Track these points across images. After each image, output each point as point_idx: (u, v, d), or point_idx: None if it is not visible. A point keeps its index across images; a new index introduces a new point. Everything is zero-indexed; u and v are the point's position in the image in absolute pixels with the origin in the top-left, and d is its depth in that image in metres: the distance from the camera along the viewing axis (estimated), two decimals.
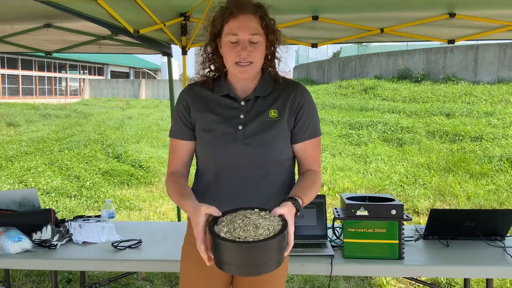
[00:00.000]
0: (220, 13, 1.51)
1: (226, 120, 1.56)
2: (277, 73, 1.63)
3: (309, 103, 1.61)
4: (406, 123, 10.76)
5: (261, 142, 1.54)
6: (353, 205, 2.16)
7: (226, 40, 1.50)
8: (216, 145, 1.56)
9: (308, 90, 1.65)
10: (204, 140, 1.59)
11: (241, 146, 1.54)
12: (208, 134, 1.58)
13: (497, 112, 10.85)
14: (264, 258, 1.25)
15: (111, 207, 2.82)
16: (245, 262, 1.24)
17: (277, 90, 1.60)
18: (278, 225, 1.31)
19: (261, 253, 1.23)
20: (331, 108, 13.96)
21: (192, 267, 1.65)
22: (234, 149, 1.54)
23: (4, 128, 14.16)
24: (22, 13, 3.12)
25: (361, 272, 2.21)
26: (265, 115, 1.56)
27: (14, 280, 3.56)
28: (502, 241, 2.42)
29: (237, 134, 1.54)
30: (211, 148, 1.57)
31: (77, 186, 7.01)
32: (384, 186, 6.85)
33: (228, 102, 1.59)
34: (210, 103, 1.60)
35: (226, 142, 1.54)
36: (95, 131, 12.64)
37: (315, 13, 3.13)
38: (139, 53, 4.16)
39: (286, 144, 1.59)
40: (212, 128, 1.57)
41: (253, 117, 1.56)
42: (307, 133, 1.60)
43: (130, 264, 2.25)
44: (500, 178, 6.95)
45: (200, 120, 1.59)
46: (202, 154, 1.62)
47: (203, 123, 1.59)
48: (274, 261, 1.27)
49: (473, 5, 2.92)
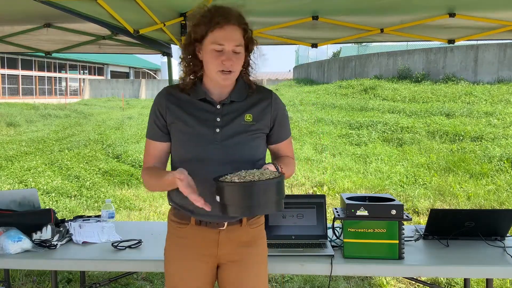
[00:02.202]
0: (205, 20, 1.57)
1: (203, 122, 1.65)
2: (250, 80, 1.73)
3: (282, 111, 1.78)
4: (406, 123, 10.76)
5: (236, 144, 1.66)
6: (353, 205, 2.16)
7: (210, 48, 1.57)
8: (195, 146, 1.65)
9: (279, 97, 1.80)
10: (182, 141, 1.68)
11: (218, 147, 1.64)
12: (186, 135, 1.66)
13: (497, 112, 10.85)
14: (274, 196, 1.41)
15: (111, 207, 2.82)
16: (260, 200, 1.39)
17: (251, 96, 1.71)
18: (276, 174, 1.48)
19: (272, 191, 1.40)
20: (331, 108, 13.96)
21: (179, 267, 1.73)
22: (211, 150, 1.64)
23: (4, 128, 14.16)
24: (22, 13, 3.12)
25: (361, 272, 2.21)
26: (241, 118, 1.68)
27: (14, 280, 3.56)
28: (502, 241, 2.42)
29: (214, 136, 1.65)
30: (189, 148, 1.66)
31: (77, 186, 7.01)
32: (384, 186, 6.86)
33: (204, 106, 1.67)
34: (187, 106, 1.68)
35: (204, 143, 1.64)
36: (95, 131, 12.64)
37: (315, 13, 3.13)
38: (139, 53, 4.16)
39: (259, 146, 1.72)
40: (190, 130, 1.66)
41: (229, 121, 1.67)
42: (281, 136, 1.79)
43: (130, 264, 2.25)
44: (500, 178, 6.95)
45: (178, 122, 1.67)
46: (179, 153, 1.70)
47: (181, 125, 1.67)
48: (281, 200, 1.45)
49: (473, 5, 2.92)
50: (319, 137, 10.49)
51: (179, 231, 1.74)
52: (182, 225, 1.73)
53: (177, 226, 1.74)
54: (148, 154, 1.74)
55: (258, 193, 1.39)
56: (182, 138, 1.67)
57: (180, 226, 1.74)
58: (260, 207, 1.42)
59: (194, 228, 1.71)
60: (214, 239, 1.71)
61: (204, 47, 1.59)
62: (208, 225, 1.70)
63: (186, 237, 1.73)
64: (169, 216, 1.80)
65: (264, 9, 2.98)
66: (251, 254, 1.74)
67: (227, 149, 1.65)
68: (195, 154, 1.65)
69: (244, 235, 1.73)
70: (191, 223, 1.71)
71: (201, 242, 1.71)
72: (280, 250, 2.26)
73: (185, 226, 1.73)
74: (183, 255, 1.73)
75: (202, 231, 1.71)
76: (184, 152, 1.68)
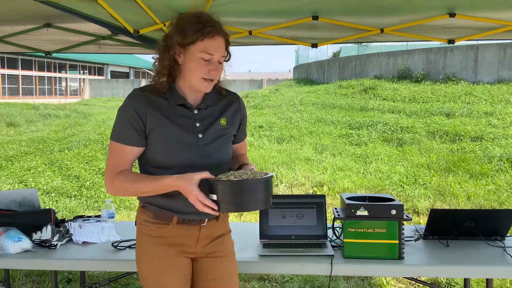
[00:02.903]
0: (196, 28, 1.58)
1: (186, 129, 1.68)
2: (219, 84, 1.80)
3: (246, 112, 1.89)
4: (406, 123, 10.76)
5: (217, 148, 1.73)
6: (353, 205, 2.16)
7: (198, 56, 1.60)
8: (179, 152, 1.67)
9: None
10: (164, 148, 1.67)
11: (201, 152, 1.69)
12: (169, 142, 1.66)
13: (497, 112, 10.85)
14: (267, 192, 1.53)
15: (111, 207, 2.82)
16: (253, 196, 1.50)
17: (223, 100, 1.78)
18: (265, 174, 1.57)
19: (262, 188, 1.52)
20: (331, 108, 13.95)
21: (162, 266, 1.73)
22: (195, 155, 1.68)
23: (4, 128, 14.16)
24: (22, 13, 3.12)
25: (361, 272, 2.22)
26: (217, 123, 1.74)
27: (14, 280, 3.56)
28: (502, 241, 2.42)
29: (198, 141, 1.69)
30: (172, 155, 1.67)
31: (77, 186, 7.01)
32: (384, 186, 6.86)
33: (182, 111, 1.69)
34: (167, 112, 1.67)
35: (188, 150, 1.67)
36: (95, 131, 12.63)
37: (315, 13, 3.13)
38: (139, 53, 4.15)
39: (231, 148, 1.83)
40: (174, 136, 1.67)
41: (208, 125, 1.72)
42: (242, 136, 1.91)
43: (130, 264, 2.25)
44: (500, 178, 6.95)
45: (159, 129, 1.66)
46: (157, 159, 1.69)
47: (163, 132, 1.66)
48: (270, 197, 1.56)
49: (473, 5, 2.92)
50: (319, 137, 10.49)
51: (158, 231, 1.75)
52: (161, 225, 1.74)
53: (156, 227, 1.75)
54: (121, 158, 1.68)
55: (257, 190, 1.50)
56: (164, 144, 1.66)
57: (159, 226, 1.74)
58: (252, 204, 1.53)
59: (175, 227, 1.74)
60: (195, 235, 1.77)
61: (190, 54, 1.61)
62: (191, 222, 1.74)
63: (167, 236, 1.74)
64: (143, 217, 1.77)
65: (264, 9, 2.98)
66: (224, 246, 1.85)
67: (209, 154, 1.71)
68: (179, 160, 1.66)
69: (218, 229, 1.84)
70: (172, 222, 1.73)
71: (182, 240, 1.76)
72: (280, 250, 2.26)
73: (166, 226, 1.74)
74: (164, 254, 1.74)
75: (183, 229, 1.75)
76: (165, 159, 1.67)
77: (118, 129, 1.68)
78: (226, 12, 3.14)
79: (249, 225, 2.74)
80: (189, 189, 1.54)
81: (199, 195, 1.53)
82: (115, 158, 1.68)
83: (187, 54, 1.62)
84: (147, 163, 1.72)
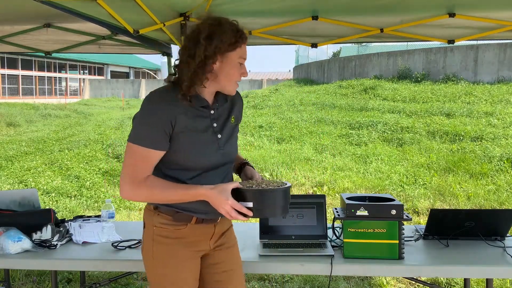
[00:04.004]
0: (237, 35, 1.64)
1: (207, 130, 1.71)
2: None
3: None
4: (406, 123, 10.76)
5: (231, 145, 1.79)
6: (353, 205, 2.16)
7: (237, 62, 1.67)
8: (203, 154, 1.70)
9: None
10: (190, 150, 1.68)
11: (221, 151, 1.74)
12: (195, 144, 1.68)
13: (497, 112, 10.85)
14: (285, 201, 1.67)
15: (111, 207, 2.82)
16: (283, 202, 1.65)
17: (228, 98, 1.81)
18: (282, 183, 1.70)
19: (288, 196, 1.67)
20: (331, 108, 13.95)
21: (175, 268, 1.74)
22: (217, 155, 1.73)
23: (4, 128, 14.16)
24: (22, 13, 3.12)
25: (361, 272, 2.21)
26: (229, 121, 1.79)
27: (14, 280, 3.56)
28: (502, 241, 2.42)
29: (218, 142, 1.73)
30: (197, 157, 1.69)
31: (77, 186, 7.01)
32: (384, 186, 6.86)
33: (203, 112, 1.72)
34: (190, 115, 1.67)
35: (211, 150, 1.71)
36: (95, 131, 12.63)
37: (315, 13, 3.13)
38: (139, 53, 4.16)
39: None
40: (198, 139, 1.69)
41: (222, 125, 1.76)
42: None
43: (130, 264, 2.25)
44: (500, 178, 6.95)
45: (186, 131, 1.66)
46: (186, 161, 1.69)
47: (190, 134, 1.67)
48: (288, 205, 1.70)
49: (473, 5, 2.92)
50: (319, 137, 10.49)
51: (176, 233, 1.74)
52: (180, 226, 1.74)
53: (174, 229, 1.74)
54: (146, 163, 1.64)
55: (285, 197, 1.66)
56: (191, 147, 1.67)
57: (178, 227, 1.74)
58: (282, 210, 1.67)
59: (193, 227, 1.75)
60: (210, 233, 1.81)
61: (229, 60, 1.65)
62: (207, 221, 1.77)
63: (183, 237, 1.74)
64: (158, 220, 1.75)
65: (264, 9, 2.98)
66: (231, 236, 1.93)
67: (227, 152, 1.76)
68: (203, 161, 1.69)
69: (227, 223, 1.91)
70: (191, 222, 1.74)
71: (198, 238, 1.78)
72: (280, 250, 2.27)
73: (184, 227, 1.74)
74: (181, 255, 1.74)
75: (200, 228, 1.77)
76: (191, 161, 1.68)
77: (144, 133, 1.64)
78: (226, 12, 3.14)
79: (249, 225, 2.74)
80: (223, 198, 1.59)
81: (236, 204, 1.59)
82: (139, 163, 1.64)
83: (225, 61, 1.64)
84: (167, 166, 1.69)
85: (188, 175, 1.69)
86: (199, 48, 1.60)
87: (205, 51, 1.59)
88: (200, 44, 1.59)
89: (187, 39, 1.65)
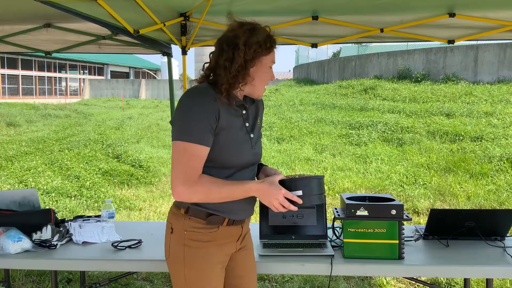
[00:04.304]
0: (271, 41, 1.70)
1: (242, 129, 1.75)
2: None
3: None
4: (406, 123, 10.77)
5: (258, 146, 1.83)
6: (353, 205, 2.16)
7: (269, 66, 1.73)
8: (241, 151, 1.74)
9: None
10: (229, 148, 1.69)
11: (253, 150, 1.78)
12: (235, 142, 1.71)
13: (497, 112, 10.85)
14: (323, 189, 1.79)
15: (111, 207, 2.82)
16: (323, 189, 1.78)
17: (254, 100, 1.83)
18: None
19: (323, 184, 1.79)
20: (331, 108, 13.96)
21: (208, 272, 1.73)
22: (250, 154, 1.77)
23: (4, 128, 14.17)
24: (22, 13, 3.12)
25: (361, 272, 2.21)
26: (256, 122, 1.82)
27: (14, 280, 3.56)
28: (502, 241, 2.42)
29: (251, 141, 1.77)
30: (237, 154, 1.72)
31: (77, 186, 7.01)
32: (384, 186, 6.86)
33: (237, 112, 1.73)
34: (228, 112, 1.69)
35: (246, 149, 1.75)
36: (95, 131, 12.64)
37: (315, 13, 3.13)
38: (139, 53, 4.16)
39: None
40: (237, 137, 1.72)
41: (253, 125, 1.80)
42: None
43: (130, 264, 2.25)
44: (500, 178, 6.95)
45: (227, 129, 1.68)
46: (226, 159, 1.70)
47: (229, 132, 1.69)
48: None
49: (473, 5, 2.92)
50: (319, 137, 10.49)
51: (208, 236, 1.72)
52: (212, 229, 1.73)
53: (208, 232, 1.72)
54: (199, 161, 1.62)
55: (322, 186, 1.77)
56: (231, 144, 1.68)
57: (210, 230, 1.73)
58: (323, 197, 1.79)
59: (224, 229, 1.75)
60: (238, 233, 1.83)
61: (263, 64, 1.70)
62: (237, 222, 1.79)
63: (214, 240, 1.73)
64: (190, 224, 1.72)
65: (264, 9, 2.99)
66: (248, 241, 1.95)
67: (257, 152, 1.81)
68: (240, 159, 1.72)
69: (247, 226, 1.93)
70: (223, 224, 1.74)
71: (227, 240, 1.79)
72: (280, 250, 2.26)
73: (216, 230, 1.73)
74: (213, 258, 1.74)
75: (229, 230, 1.78)
76: (230, 158, 1.69)
77: (194, 130, 1.61)
78: (226, 12, 3.14)
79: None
80: (277, 189, 1.63)
81: (288, 193, 1.63)
82: (193, 161, 1.61)
83: (259, 65, 1.69)
84: (207, 163, 1.66)
85: (224, 174, 1.68)
86: (238, 53, 1.63)
87: (245, 55, 1.64)
88: (240, 50, 1.63)
89: (223, 44, 1.67)
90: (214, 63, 1.69)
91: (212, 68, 1.69)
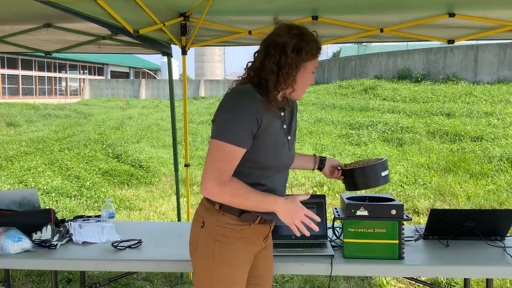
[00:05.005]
0: (316, 46, 1.72)
1: (281, 131, 1.76)
2: None
3: None
4: (406, 123, 10.77)
5: (294, 148, 1.87)
6: (353, 205, 2.16)
7: (311, 71, 1.75)
8: (280, 153, 1.76)
9: None
10: (269, 150, 1.71)
11: (290, 153, 1.81)
12: (275, 144, 1.73)
13: (497, 112, 10.85)
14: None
15: (111, 207, 2.82)
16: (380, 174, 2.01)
17: (290, 102, 1.83)
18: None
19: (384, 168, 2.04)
20: (331, 108, 13.96)
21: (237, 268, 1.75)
22: (287, 156, 1.80)
23: (4, 128, 14.17)
24: (22, 13, 3.12)
25: (361, 272, 2.21)
26: (292, 124, 1.84)
27: (14, 280, 3.56)
28: (502, 241, 2.42)
29: (289, 143, 1.80)
30: (276, 156, 1.74)
31: (77, 186, 7.01)
32: (384, 186, 6.86)
33: (276, 114, 1.75)
34: (270, 115, 1.70)
35: (284, 151, 1.78)
36: (95, 131, 12.64)
37: (315, 13, 3.13)
38: (139, 53, 4.16)
39: None
40: (277, 139, 1.74)
41: (289, 127, 1.82)
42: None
43: (130, 264, 2.25)
44: (500, 178, 6.95)
45: (269, 130, 1.69)
46: (265, 160, 1.71)
47: (271, 134, 1.70)
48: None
49: (473, 5, 2.92)
50: (319, 137, 10.49)
51: (240, 233, 1.74)
52: (245, 226, 1.74)
53: (240, 229, 1.74)
54: (234, 161, 1.63)
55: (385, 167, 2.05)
56: (271, 146, 1.70)
57: (242, 228, 1.74)
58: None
59: (255, 227, 1.76)
60: (266, 232, 1.84)
61: (307, 69, 1.72)
62: (268, 222, 1.81)
63: (244, 237, 1.75)
64: (224, 220, 1.73)
65: (264, 9, 2.99)
66: (269, 241, 1.96)
67: (292, 154, 1.84)
68: (278, 161, 1.74)
69: (273, 225, 1.92)
70: (255, 222, 1.75)
71: (255, 239, 1.80)
72: (280, 250, 2.26)
73: (248, 227, 1.75)
74: (243, 255, 1.76)
75: (259, 228, 1.79)
76: (269, 160, 1.71)
77: (232, 130, 1.61)
78: (226, 12, 3.15)
79: None
80: (299, 207, 1.69)
81: (308, 211, 1.69)
82: (228, 161, 1.62)
83: (303, 70, 1.71)
84: (241, 163, 1.67)
85: (264, 174, 1.71)
86: (286, 59, 1.64)
87: (293, 62, 1.65)
88: (288, 56, 1.64)
89: (270, 47, 1.67)
90: (259, 65, 1.69)
91: (257, 70, 1.69)
